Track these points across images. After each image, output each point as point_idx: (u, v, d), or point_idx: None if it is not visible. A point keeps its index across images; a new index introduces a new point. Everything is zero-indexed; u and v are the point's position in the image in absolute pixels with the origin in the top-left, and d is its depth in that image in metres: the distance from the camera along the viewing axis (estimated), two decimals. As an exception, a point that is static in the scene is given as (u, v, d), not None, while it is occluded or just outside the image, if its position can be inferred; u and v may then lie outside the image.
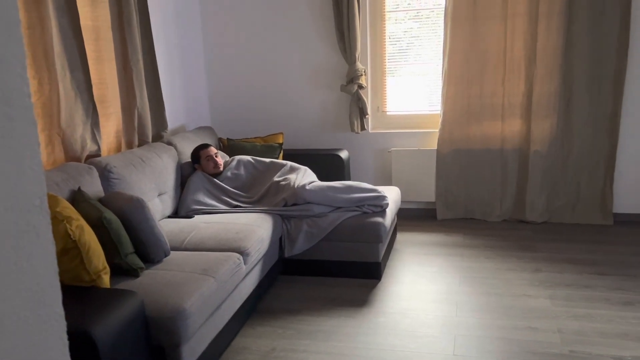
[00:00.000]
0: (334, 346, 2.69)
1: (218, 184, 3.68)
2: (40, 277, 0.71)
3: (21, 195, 0.68)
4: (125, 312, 2.07)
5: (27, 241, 0.69)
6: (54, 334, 0.74)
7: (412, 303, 3.12)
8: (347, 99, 4.61)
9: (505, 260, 3.66)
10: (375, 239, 3.37)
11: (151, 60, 3.74)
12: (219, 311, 2.57)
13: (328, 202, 3.48)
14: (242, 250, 2.85)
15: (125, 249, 2.49)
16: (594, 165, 4.21)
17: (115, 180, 2.99)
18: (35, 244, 0.70)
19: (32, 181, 0.69)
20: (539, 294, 3.14)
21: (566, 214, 4.34)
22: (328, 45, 4.58)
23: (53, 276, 0.74)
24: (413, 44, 4.54)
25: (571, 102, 4.15)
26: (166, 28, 4.17)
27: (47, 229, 0.72)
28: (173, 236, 3.02)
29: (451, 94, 4.33)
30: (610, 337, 2.65)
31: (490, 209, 4.47)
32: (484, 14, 4.15)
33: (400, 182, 4.59)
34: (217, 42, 4.79)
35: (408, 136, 4.61)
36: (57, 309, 0.74)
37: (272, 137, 4.46)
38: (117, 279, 2.45)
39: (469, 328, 2.80)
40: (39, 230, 0.71)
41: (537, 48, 4.10)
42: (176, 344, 2.21)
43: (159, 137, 3.86)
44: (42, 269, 0.71)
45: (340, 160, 4.34)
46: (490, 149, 4.37)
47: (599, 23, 3.98)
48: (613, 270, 3.42)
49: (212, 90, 4.90)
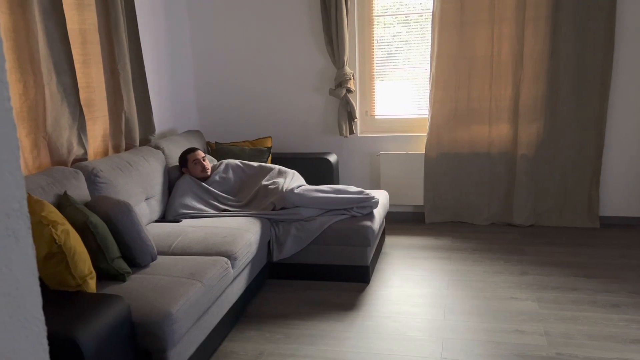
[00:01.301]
0: (323, 350, 2.68)
1: (206, 187, 3.67)
2: (20, 282, 0.70)
3: (0, 199, 0.67)
4: (112, 317, 2.05)
5: (6, 246, 0.68)
6: (33, 340, 0.73)
7: (400, 306, 3.12)
8: (335, 102, 4.62)
9: (492, 263, 3.68)
10: (364, 243, 3.37)
11: (139, 63, 3.72)
12: (206, 316, 2.55)
13: (316, 205, 3.48)
14: (229, 255, 2.84)
15: (112, 253, 2.48)
16: (581, 168, 4.25)
17: (101, 184, 2.97)
18: (15, 248, 0.69)
19: (11, 185, 0.69)
20: (526, 297, 3.15)
21: (553, 217, 4.38)
22: (316, 49, 4.58)
23: (33, 281, 0.73)
24: (402, 49, 4.56)
25: (557, 106, 4.18)
26: (154, 31, 4.15)
27: (27, 234, 0.71)
28: (160, 240, 3.01)
29: (439, 98, 4.35)
30: (597, 340, 2.67)
31: (478, 213, 4.49)
32: (471, 19, 4.18)
33: (389, 186, 4.60)
34: (205, 46, 4.78)
35: (396, 140, 4.63)
36: (37, 314, 0.73)
37: (260, 140, 4.45)
38: (103, 284, 2.43)
39: (456, 331, 2.81)
40: (18, 234, 0.70)
41: (523, 52, 4.13)
42: (163, 348, 2.20)
43: (147, 140, 3.84)
44: (22, 274, 0.71)
45: (328, 164, 4.34)
46: (477, 153, 4.40)
47: (584, 28, 4.02)
48: (599, 272, 3.45)
49: (201, 93, 4.89)
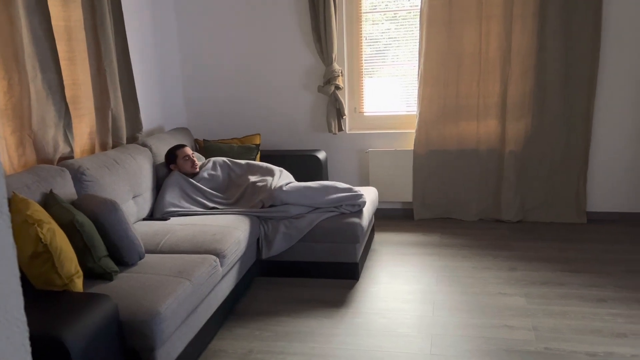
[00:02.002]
0: (312, 347, 2.68)
1: (195, 184, 3.65)
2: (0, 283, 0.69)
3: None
4: (99, 317, 2.04)
5: (-15, 246, 0.67)
6: (15, 341, 0.72)
7: (390, 303, 3.13)
8: (324, 99, 4.61)
9: (481, 259, 3.70)
10: (353, 240, 3.37)
11: (125, 60, 3.69)
12: (195, 314, 2.54)
13: (305, 203, 3.48)
14: (218, 253, 2.83)
15: (99, 252, 2.46)
16: (568, 164, 4.28)
17: (88, 182, 2.94)
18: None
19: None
20: (515, 292, 3.17)
21: (541, 213, 4.40)
22: (305, 47, 4.57)
23: (14, 281, 0.72)
24: (390, 45, 4.56)
25: (545, 102, 4.20)
26: (141, 28, 4.12)
27: (7, 233, 0.70)
28: (148, 239, 2.99)
29: (427, 94, 4.36)
30: (584, 334, 2.69)
31: (467, 209, 4.51)
32: (459, 16, 4.19)
33: (378, 182, 4.61)
34: (193, 43, 4.75)
35: (385, 137, 4.63)
36: (18, 315, 0.72)
37: (249, 138, 4.44)
38: (90, 283, 2.41)
39: (445, 327, 2.82)
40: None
41: (511, 49, 4.15)
42: (151, 347, 2.19)
43: (134, 138, 3.81)
44: (2, 274, 0.69)
45: (317, 161, 4.34)
46: (466, 150, 4.41)
47: (571, 24, 4.04)
48: (587, 267, 3.48)
49: (188, 91, 4.86)
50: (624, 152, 4.26)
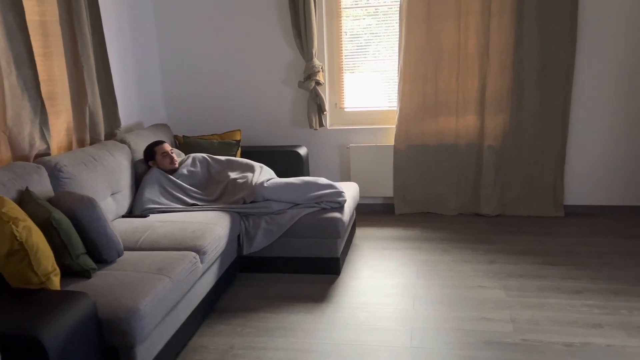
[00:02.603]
0: (293, 342, 2.69)
1: (175, 181, 3.63)
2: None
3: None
4: (76, 315, 2.02)
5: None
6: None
7: (370, 297, 3.14)
8: (304, 95, 4.61)
9: (461, 252, 3.73)
10: (334, 235, 3.38)
11: (102, 56, 3.65)
12: (175, 311, 2.53)
13: (286, 199, 3.48)
14: (198, 249, 2.82)
15: (76, 249, 2.43)
16: (546, 158, 4.33)
17: (65, 179, 2.90)
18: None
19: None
20: (494, 285, 3.21)
21: (519, 207, 4.46)
22: (285, 42, 4.56)
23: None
24: (371, 41, 4.57)
25: (523, 97, 4.25)
26: (118, 23, 4.07)
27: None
28: (127, 236, 2.96)
29: (407, 90, 4.38)
30: (561, 325, 2.74)
31: (446, 203, 4.55)
32: (438, 12, 4.21)
33: (359, 178, 4.62)
34: (172, 38, 4.71)
35: (366, 132, 4.64)
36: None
37: (229, 134, 4.41)
38: (68, 281, 2.39)
39: (425, 320, 2.85)
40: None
41: (489, 45, 4.18)
42: (131, 345, 2.17)
43: (112, 135, 3.77)
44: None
45: (298, 156, 4.33)
46: (445, 145, 4.45)
47: (548, 20, 4.09)
48: (564, 260, 3.53)
49: (168, 86, 4.82)
50: (600, 147, 4.33)
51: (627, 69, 4.17)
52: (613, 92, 4.22)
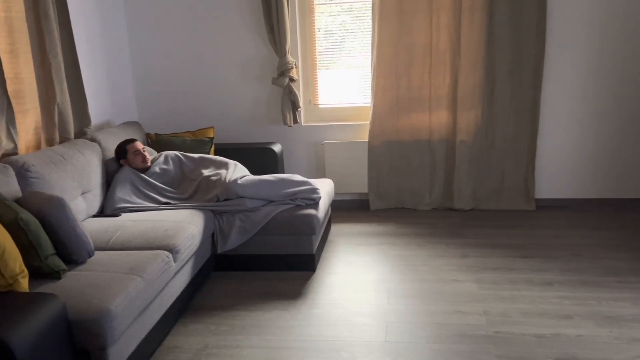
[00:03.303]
0: (268, 340, 2.68)
1: (147, 179, 3.58)
2: None
3: None
4: (46, 317, 1.98)
5: None
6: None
7: (346, 293, 3.15)
8: (278, 92, 4.59)
9: (434, 247, 3.77)
10: (309, 231, 3.38)
11: (71, 53, 3.58)
12: (148, 311, 2.50)
13: (261, 196, 3.46)
14: (171, 248, 2.79)
15: (45, 250, 2.38)
16: (517, 153, 4.40)
17: (33, 179, 2.84)
18: None
19: None
20: (467, 279, 3.25)
21: (492, 201, 4.52)
22: (258, 38, 4.53)
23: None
24: (347, 38, 4.57)
25: (494, 93, 4.31)
26: (87, 19, 4.00)
27: None
28: (98, 236, 2.92)
29: (380, 86, 4.40)
30: (533, 317, 2.78)
31: (420, 198, 4.59)
32: (410, 8, 4.24)
33: (334, 174, 4.63)
34: (143, 34, 4.65)
35: (341, 129, 4.65)
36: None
37: (202, 131, 4.38)
38: (37, 282, 2.34)
39: (400, 315, 2.87)
40: None
41: (461, 41, 4.22)
42: (102, 346, 2.14)
43: (82, 133, 3.71)
44: None
45: (273, 153, 4.32)
46: (418, 140, 4.48)
47: (518, 17, 4.14)
48: (535, 253, 3.59)
49: (139, 83, 4.75)
50: (570, 141, 4.41)
51: (595, 65, 4.25)
52: (582, 88, 4.30)
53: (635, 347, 2.48)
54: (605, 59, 4.23)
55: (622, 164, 4.39)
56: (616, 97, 4.28)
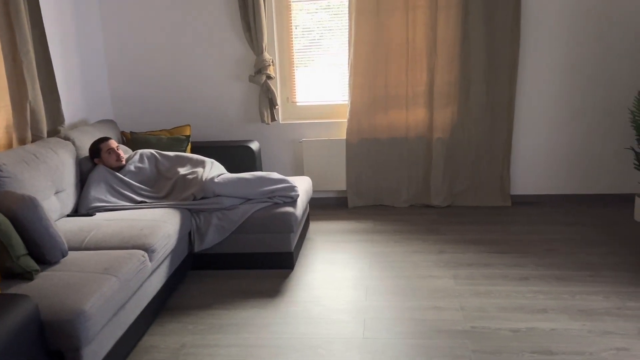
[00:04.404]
0: (245, 338, 2.67)
1: (122, 178, 3.54)
2: None
3: None
4: (17, 318, 1.94)
5: None
6: None
7: (324, 290, 3.16)
8: (256, 89, 4.57)
9: (412, 243, 3.79)
10: (287, 229, 3.38)
11: (43, 50, 3.51)
12: (123, 311, 2.47)
13: (238, 194, 3.44)
14: (147, 247, 2.76)
15: (17, 251, 2.34)
16: (492, 150, 4.45)
17: (4, 179, 2.79)
18: None
19: None
20: (444, 274, 3.28)
21: (468, 197, 4.57)
22: (234, 36, 4.51)
23: None
24: (325, 35, 4.57)
25: (470, 90, 4.35)
26: (59, 15, 3.93)
27: None
28: (72, 235, 2.87)
29: (358, 84, 4.41)
30: (508, 311, 2.82)
31: (398, 195, 4.61)
32: (387, 6, 4.25)
33: (312, 172, 4.63)
34: (117, 32, 4.58)
35: (319, 126, 4.65)
36: None
37: (178, 129, 4.33)
38: (8, 283, 2.30)
39: (378, 311, 2.88)
40: None
41: (437, 39, 4.25)
42: (76, 347, 2.11)
43: (56, 132, 3.65)
44: None
45: (251, 151, 4.30)
46: (396, 138, 4.50)
47: (493, 15, 4.19)
48: (511, 248, 3.64)
49: (114, 81, 4.69)
50: (545, 138, 4.48)
51: (569, 63, 4.32)
52: (555, 85, 4.37)
53: (607, 340, 2.53)
54: (578, 57, 4.30)
55: (595, 161, 4.48)
56: (589, 95, 4.36)
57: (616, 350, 2.45)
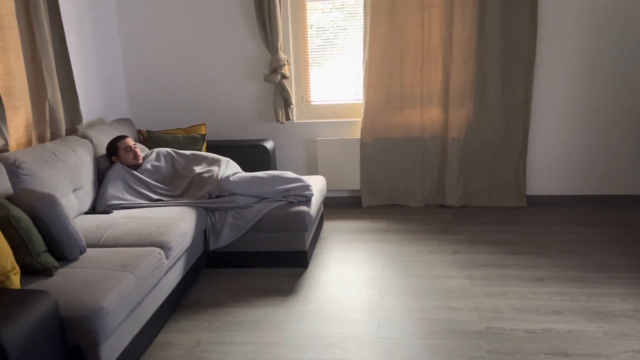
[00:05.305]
0: (260, 336, 2.69)
1: (138, 176, 3.57)
2: None
3: None
4: (37, 314, 1.98)
5: None
6: None
7: (338, 289, 3.16)
8: (271, 89, 4.59)
9: (426, 243, 3.79)
10: (301, 228, 3.39)
11: (62, 49, 3.56)
12: (140, 308, 2.50)
13: (253, 193, 3.46)
14: (163, 245, 2.79)
15: (37, 247, 2.38)
16: (508, 150, 4.43)
17: (24, 176, 2.83)
18: None
19: None
20: (458, 275, 3.27)
21: (483, 198, 4.55)
22: (250, 35, 4.53)
23: None
24: (339, 35, 4.57)
25: (485, 90, 4.33)
26: (78, 15, 3.98)
27: None
28: (90, 233, 2.91)
29: (372, 83, 4.41)
30: (523, 313, 2.80)
31: (412, 195, 4.60)
32: (402, 5, 4.24)
33: (326, 171, 4.64)
34: (134, 30, 4.63)
35: (333, 126, 4.66)
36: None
37: (194, 128, 4.37)
38: (28, 279, 2.34)
39: (392, 311, 2.88)
40: None
41: (452, 38, 4.24)
42: (94, 343, 2.14)
43: (74, 130, 3.69)
44: None
45: (265, 150, 4.32)
46: (410, 137, 4.50)
47: (509, 13, 4.16)
48: (526, 249, 3.62)
49: (131, 80, 4.73)
50: (561, 137, 4.44)
51: (587, 61, 4.28)
52: (572, 85, 4.33)
53: (624, 342, 2.51)
54: (596, 55, 4.26)
55: (613, 161, 4.43)
56: (607, 93, 4.32)
57: (633, 352, 2.43)
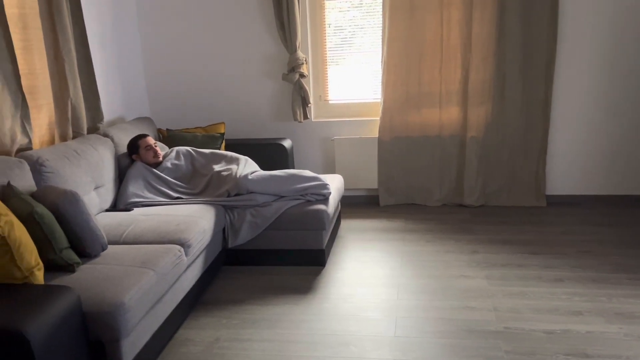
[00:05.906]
0: (278, 333, 2.71)
1: (158, 174, 3.62)
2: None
3: None
4: (61, 309, 2.01)
5: None
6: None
7: (355, 288, 3.17)
8: (289, 87, 4.61)
9: (444, 243, 3.78)
10: (319, 227, 3.40)
11: (84, 49, 3.61)
12: (160, 304, 2.53)
13: (271, 191, 3.48)
14: (183, 242, 2.82)
15: (60, 244, 2.42)
16: (528, 149, 4.39)
17: (48, 174, 2.88)
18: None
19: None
20: (476, 275, 3.26)
21: (502, 197, 4.51)
22: (268, 34, 4.55)
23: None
24: (357, 34, 4.57)
25: (505, 88, 4.29)
26: (100, 16, 4.03)
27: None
28: (111, 230, 2.96)
29: (390, 82, 4.40)
30: (542, 313, 2.78)
31: (430, 194, 4.59)
32: (421, 3, 4.23)
33: (344, 170, 4.64)
34: (154, 30, 4.68)
35: (351, 124, 4.66)
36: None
37: (213, 127, 4.40)
38: (51, 275, 2.38)
39: (409, 310, 2.88)
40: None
41: (472, 36, 4.22)
42: (116, 338, 2.17)
43: (95, 128, 3.75)
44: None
45: (283, 149, 4.34)
46: (429, 136, 4.48)
47: (529, 12, 4.13)
48: (545, 249, 3.59)
49: (151, 79, 4.79)
50: (581, 137, 4.39)
51: (607, 60, 4.23)
52: (593, 84, 4.28)
53: (646, 344, 2.48)
54: (617, 54, 4.20)
55: (634, 161, 4.37)
56: (628, 93, 4.26)
57: (654, 354, 2.40)
